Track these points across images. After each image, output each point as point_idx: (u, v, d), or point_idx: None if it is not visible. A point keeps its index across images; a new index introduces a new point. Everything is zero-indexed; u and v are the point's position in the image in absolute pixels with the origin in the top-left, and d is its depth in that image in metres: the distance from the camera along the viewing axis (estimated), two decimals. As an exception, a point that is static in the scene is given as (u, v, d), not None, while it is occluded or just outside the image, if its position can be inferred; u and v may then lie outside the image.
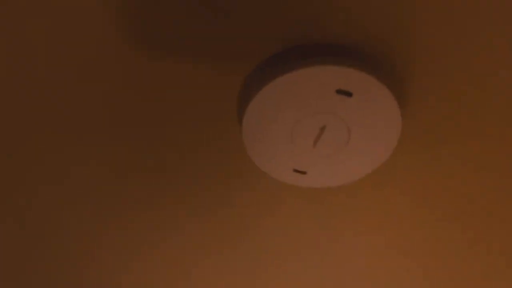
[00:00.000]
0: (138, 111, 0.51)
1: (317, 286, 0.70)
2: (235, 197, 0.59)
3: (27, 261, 0.67)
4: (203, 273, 0.69)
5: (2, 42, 0.46)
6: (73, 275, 0.69)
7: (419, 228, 0.62)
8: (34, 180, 0.57)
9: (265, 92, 0.46)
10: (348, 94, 0.45)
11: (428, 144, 0.53)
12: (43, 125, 0.52)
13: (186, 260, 0.67)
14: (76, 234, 0.63)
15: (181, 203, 0.60)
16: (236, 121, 0.52)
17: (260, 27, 0.44)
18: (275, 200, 0.59)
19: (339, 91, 0.45)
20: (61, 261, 0.67)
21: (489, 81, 0.48)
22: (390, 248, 0.65)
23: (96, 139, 0.53)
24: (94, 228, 0.62)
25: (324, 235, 0.63)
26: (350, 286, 0.70)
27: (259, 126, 0.48)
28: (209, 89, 0.49)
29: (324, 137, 0.48)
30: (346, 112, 0.46)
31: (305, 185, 0.53)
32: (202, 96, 0.50)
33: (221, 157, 0.55)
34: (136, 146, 0.54)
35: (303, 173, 0.52)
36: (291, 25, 0.44)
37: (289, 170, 0.52)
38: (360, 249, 0.65)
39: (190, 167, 0.56)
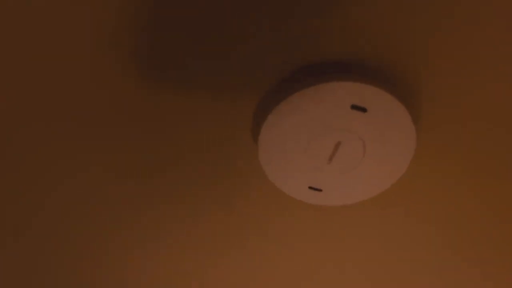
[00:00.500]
0: (154, 138, 0.52)
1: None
2: (252, 215, 0.59)
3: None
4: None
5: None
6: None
7: (431, 245, 0.61)
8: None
9: (280, 109, 0.46)
10: (363, 109, 0.46)
11: (442, 159, 0.53)
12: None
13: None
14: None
15: (201, 224, 0.60)
16: (252, 140, 0.52)
17: (273, 50, 0.46)
18: (289, 216, 0.58)
19: (354, 107, 0.45)
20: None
21: (505, 101, 0.48)
22: (396, 266, 0.64)
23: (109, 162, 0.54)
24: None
25: (334, 251, 0.62)
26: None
27: (274, 143, 0.48)
28: (225, 112, 0.50)
29: (340, 153, 0.48)
30: (361, 127, 0.47)
31: (321, 203, 0.53)
32: (218, 118, 0.51)
33: (237, 175, 0.55)
34: (156, 172, 0.55)
35: (319, 190, 0.52)
36: (304, 45, 0.45)
37: (304, 188, 0.51)
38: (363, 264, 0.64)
39: (208, 186, 0.56)
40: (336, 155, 0.48)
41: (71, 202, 0.59)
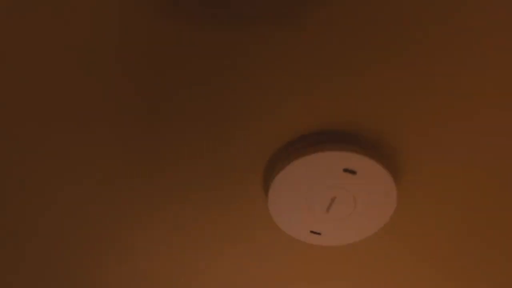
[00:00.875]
0: (168, 192, 0.63)
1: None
2: (260, 253, 0.70)
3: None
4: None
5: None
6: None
7: (415, 280, 0.72)
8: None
9: (286, 171, 0.58)
10: (353, 172, 0.57)
11: (422, 210, 0.64)
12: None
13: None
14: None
15: (208, 252, 0.71)
16: (263, 193, 0.64)
17: (278, 122, 0.57)
18: (293, 255, 0.70)
19: (346, 170, 0.57)
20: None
21: (475, 164, 0.60)
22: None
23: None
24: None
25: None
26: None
27: (281, 197, 0.60)
28: (239, 171, 0.62)
29: (335, 206, 0.60)
30: (352, 186, 0.58)
31: (320, 244, 0.64)
32: (234, 176, 0.62)
33: (248, 221, 0.66)
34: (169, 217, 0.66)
35: (318, 234, 0.63)
36: (309, 116, 0.57)
37: (306, 232, 0.63)
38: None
39: (222, 231, 0.68)
40: (332, 207, 0.60)
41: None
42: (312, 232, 0.63)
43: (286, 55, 0.52)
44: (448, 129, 0.57)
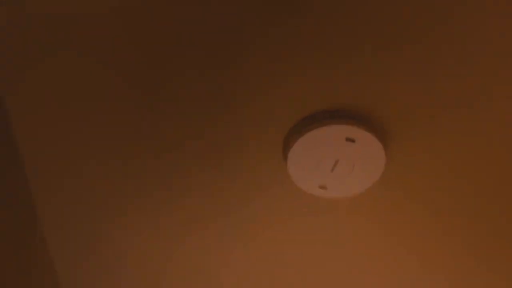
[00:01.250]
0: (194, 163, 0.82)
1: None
2: (278, 207, 0.89)
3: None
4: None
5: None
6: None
7: (403, 229, 0.91)
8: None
9: (301, 141, 0.76)
10: (352, 140, 0.76)
11: (408, 171, 0.83)
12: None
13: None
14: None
15: (228, 212, 0.90)
16: (282, 158, 0.82)
17: (294, 100, 0.75)
18: (303, 204, 0.89)
19: (347, 139, 0.75)
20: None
21: (458, 139, 0.78)
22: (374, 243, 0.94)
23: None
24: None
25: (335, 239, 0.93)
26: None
27: (298, 161, 0.78)
28: (260, 140, 0.80)
29: (338, 166, 0.78)
30: (351, 151, 0.77)
31: (325, 196, 0.83)
32: (257, 145, 0.80)
33: (269, 182, 0.85)
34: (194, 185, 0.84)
35: (325, 188, 0.82)
36: (318, 97, 0.75)
37: (316, 187, 0.82)
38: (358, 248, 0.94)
39: (246, 191, 0.86)
40: (336, 168, 0.78)
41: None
42: (320, 187, 0.82)
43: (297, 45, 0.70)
44: (430, 107, 0.75)
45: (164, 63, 0.72)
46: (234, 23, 0.68)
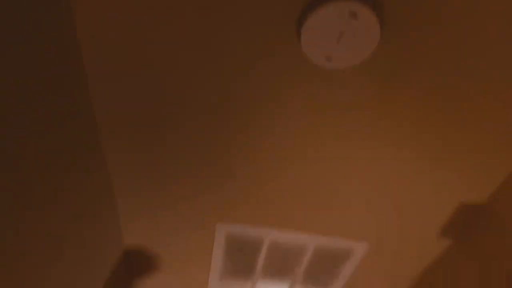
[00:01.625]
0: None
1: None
2: (290, 75, 1.08)
3: None
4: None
5: None
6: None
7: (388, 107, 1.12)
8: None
9: (314, 14, 0.94)
10: (355, 14, 0.94)
11: (399, 52, 1.02)
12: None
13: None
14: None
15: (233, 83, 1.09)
16: (295, 33, 1.00)
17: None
18: (312, 76, 1.08)
19: (351, 13, 0.94)
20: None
21: (447, 20, 0.96)
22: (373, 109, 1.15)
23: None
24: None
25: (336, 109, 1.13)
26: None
27: (311, 35, 0.97)
28: (275, 16, 0.97)
29: (344, 38, 0.97)
30: (354, 25, 0.95)
31: (331, 67, 1.03)
32: (275, 24, 0.98)
33: (283, 55, 1.04)
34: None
35: (331, 59, 1.01)
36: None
37: (323, 58, 1.01)
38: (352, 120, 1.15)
39: (255, 60, 1.05)
40: (341, 39, 0.97)
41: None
42: (326, 58, 1.01)
43: None
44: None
45: None
46: None
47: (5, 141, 0.79)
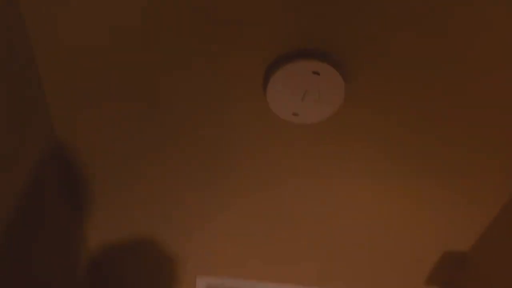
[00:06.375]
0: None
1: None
2: (255, 133, 1.09)
3: None
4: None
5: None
6: None
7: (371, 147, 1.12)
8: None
9: (279, 73, 0.95)
10: (318, 73, 0.95)
11: (366, 103, 1.03)
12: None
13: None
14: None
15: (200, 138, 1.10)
16: (261, 89, 1.01)
17: (267, 43, 0.94)
18: (279, 130, 1.09)
19: (314, 72, 0.95)
20: None
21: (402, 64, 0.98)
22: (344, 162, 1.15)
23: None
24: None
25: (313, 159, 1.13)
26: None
27: (276, 91, 0.98)
28: (240, 74, 0.99)
29: (307, 96, 0.98)
30: (317, 83, 0.96)
31: (298, 122, 1.03)
32: (240, 82, 0.99)
33: (250, 112, 1.04)
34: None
35: (297, 115, 1.01)
36: (293, 35, 0.94)
37: (290, 113, 1.01)
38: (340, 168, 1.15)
39: (221, 116, 1.06)
40: (305, 96, 0.98)
41: None
42: (293, 114, 1.02)
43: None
44: (384, 49, 0.95)
45: None
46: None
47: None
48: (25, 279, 0.96)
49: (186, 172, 1.19)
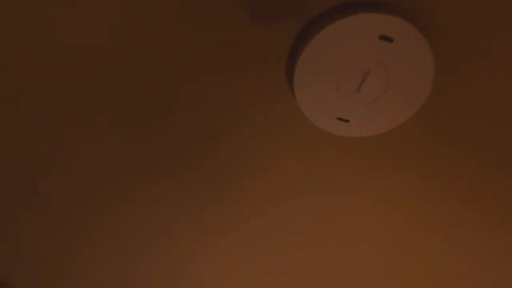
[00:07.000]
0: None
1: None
2: (283, 146, 0.63)
3: None
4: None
5: None
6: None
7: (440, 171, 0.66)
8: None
9: (315, 42, 0.51)
10: (390, 40, 0.51)
11: (458, 93, 0.58)
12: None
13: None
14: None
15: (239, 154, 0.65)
16: (284, 74, 0.57)
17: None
18: (316, 149, 0.63)
19: (382, 37, 0.50)
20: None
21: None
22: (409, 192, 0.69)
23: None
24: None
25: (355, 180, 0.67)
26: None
27: (307, 78, 0.53)
28: (261, 48, 0.55)
29: (367, 83, 0.53)
30: (387, 57, 0.52)
31: (347, 135, 0.58)
32: (254, 53, 0.55)
33: (270, 108, 0.60)
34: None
35: (346, 121, 0.56)
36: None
37: (333, 119, 0.56)
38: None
39: (244, 118, 0.61)
40: (364, 85, 0.53)
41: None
42: (339, 119, 0.56)
43: None
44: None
45: None
46: None
47: None
48: None
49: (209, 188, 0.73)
